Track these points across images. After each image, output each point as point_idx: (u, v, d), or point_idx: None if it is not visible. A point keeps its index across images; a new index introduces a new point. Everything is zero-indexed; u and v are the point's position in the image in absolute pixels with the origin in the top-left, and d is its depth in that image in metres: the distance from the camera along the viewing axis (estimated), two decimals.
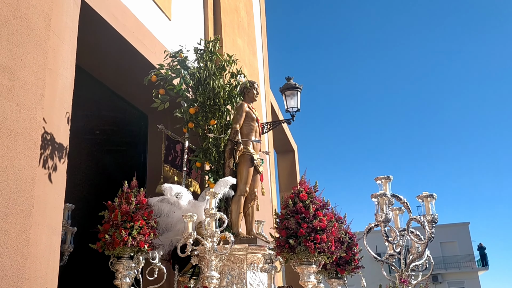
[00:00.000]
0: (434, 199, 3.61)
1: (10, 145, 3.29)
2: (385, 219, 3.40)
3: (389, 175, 3.55)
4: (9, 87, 3.35)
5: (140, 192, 4.05)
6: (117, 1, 5.20)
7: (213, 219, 3.76)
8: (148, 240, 3.88)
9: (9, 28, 3.45)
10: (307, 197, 3.93)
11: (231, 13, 8.51)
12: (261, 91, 9.93)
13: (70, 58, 4.18)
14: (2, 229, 3.11)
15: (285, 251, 3.79)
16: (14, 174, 3.28)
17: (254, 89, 5.12)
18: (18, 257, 3.19)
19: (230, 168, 4.78)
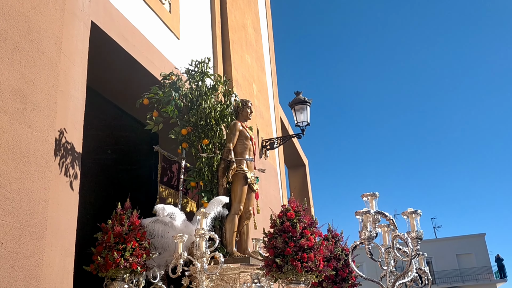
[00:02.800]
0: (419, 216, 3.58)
1: (23, 167, 3.31)
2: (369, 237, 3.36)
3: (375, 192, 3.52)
4: (21, 109, 3.39)
5: (133, 214, 4.07)
6: (127, 22, 5.27)
7: (203, 239, 3.76)
8: (140, 261, 3.89)
9: (20, 51, 3.50)
10: (294, 216, 3.93)
11: (239, 30, 8.58)
12: (270, 106, 9.94)
13: (81, 79, 4.23)
14: (15, 251, 3.11)
15: (273, 270, 3.78)
16: (27, 196, 3.29)
17: (248, 108, 5.15)
18: (32, 280, 3.18)
19: (224, 187, 4.78)
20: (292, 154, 11.84)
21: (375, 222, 3.38)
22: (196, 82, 4.96)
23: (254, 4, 9.93)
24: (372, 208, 3.42)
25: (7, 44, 3.39)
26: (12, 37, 3.45)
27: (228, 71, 7.86)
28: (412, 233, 3.47)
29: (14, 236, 3.12)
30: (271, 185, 8.75)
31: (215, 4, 8.01)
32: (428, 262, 30.99)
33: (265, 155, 8.75)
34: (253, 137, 5.09)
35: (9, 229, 3.09)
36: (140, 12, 5.66)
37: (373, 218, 3.36)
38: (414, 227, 3.49)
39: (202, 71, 5.05)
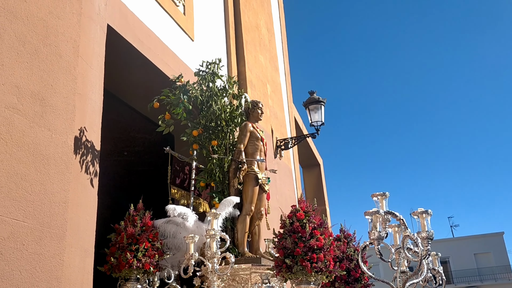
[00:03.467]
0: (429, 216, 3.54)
1: (43, 170, 3.36)
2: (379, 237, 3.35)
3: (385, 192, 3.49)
4: (40, 113, 3.44)
5: (146, 215, 4.13)
6: (142, 25, 5.32)
7: (214, 240, 3.79)
8: (153, 261, 3.94)
9: (39, 55, 3.56)
10: (304, 216, 3.94)
11: (252, 31, 8.59)
12: (284, 106, 9.94)
13: (98, 82, 4.28)
14: (36, 252, 3.16)
15: (283, 271, 3.81)
16: (47, 197, 3.34)
17: (259, 108, 5.17)
18: (53, 280, 3.23)
19: (235, 188, 4.81)
20: (306, 154, 11.80)
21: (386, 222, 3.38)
22: (207, 83, 4.98)
23: (267, 4, 9.93)
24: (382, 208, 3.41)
25: (26, 49, 3.45)
26: (31, 41, 3.51)
27: (242, 71, 7.87)
28: (423, 233, 3.43)
29: (35, 237, 3.17)
30: (286, 185, 8.74)
31: (229, 5, 8.04)
32: (446, 261, 30.64)
33: (279, 155, 8.74)
34: (264, 138, 5.12)
35: (31, 231, 3.15)
36: (155, 15, 5.71)
37: (383, 218, 3.36)
38: (424, 227, 3.47)
39: (213, 72, 5.07)
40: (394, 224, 4.10)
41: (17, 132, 3.21)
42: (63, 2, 3.91)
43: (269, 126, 8.43)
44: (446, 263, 30.82)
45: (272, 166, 8.18)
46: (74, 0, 4.04)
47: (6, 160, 3.10)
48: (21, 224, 3.09)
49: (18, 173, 3.16)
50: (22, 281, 3.01)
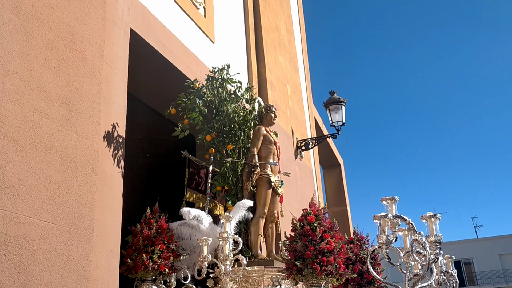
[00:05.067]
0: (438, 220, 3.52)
1: (71, 172, 3.44)
2: (387, 241, 3.35)
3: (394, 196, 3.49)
4: (68, 117, 3.52)
5: (161, 217, 4.23)
6: (164, 28, 5.38)
7: (227, 242, 3.85)
8: (168, 263, 4.04)
9: (65, 60, 3.64)
10: (314, 220, 3.99)
11: (272, 31, 8.60)
12: (304, 107, 9.91)
13: (122, 85, 4.35)
14: (65, 253, 3.23)
15: (294, 273, 3.87)
16: (74, 200, 3.42)
17: (272, 112, 5.24)
18: (81, 281, 3.30)
19: (248, 191, 4.87)
20: (327, 154, 11.75)
21: (395, 226, 3.39)
22: (217, 88, 5.03)
23: (286, 4, 9.93)
24: (391, 212, 3.42)
25: (53, 54, 3.53)
26: (58, 46, 3.59)
27: (262, 72, 7.89)
28: (431, 237, 3.44)
29: (64, 238, 3.25)
30: (307, 185, 8.73)
31: (248, 7, 8.06)
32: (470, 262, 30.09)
33: (300, 155, 8.73)
34: (277, 141, 5.17)
35: (59, 232, 3.22)
36: (176, 18, 5.77)
37: (393, 222, 3.39)
38: (433, 231, 3.47)
39: (223, 78, 5.11)
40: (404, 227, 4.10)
41: (45, 136, 3.29)
42: (88, 7, 3.99)
43: (289, 126, 8.42)
44: (470, 264, 30.27)
45: (293, 166, 8.18)
46: (98, 5, 4.12)
47: (35, 163, 3.18)
48: (50, 226, 3.16)
49: (47, 175, 3.24)
50: (51, 281, 3.08)
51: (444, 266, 4.75)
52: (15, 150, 3.04)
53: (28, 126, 3.17)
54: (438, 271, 4.49)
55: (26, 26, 3.33)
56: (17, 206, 2.97)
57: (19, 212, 2.97)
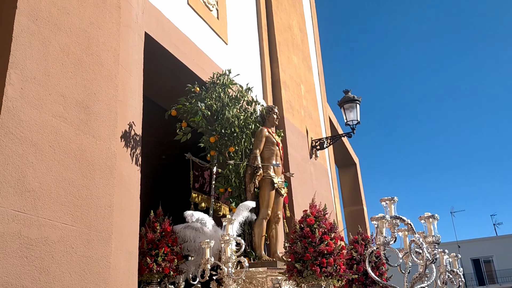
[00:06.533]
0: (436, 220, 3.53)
1: (89, 175, 3.49)
2: (384, 242, 3.35)
3: (393, 197, 3.49)
4: (85, 120, 3.57)
5: (165, 220, 4.31)
6: (178, 31, 5.42)
7: (228, 244, 3.89)
8: (172, 266, 4.11)
9: (82, 65, 3.69)
10: (314, 221, 4.03)
11: (285, 31, 8.60)
12: (318, 106, 9.88)
13: (138, 89, 4.39)
14: (85, 255, 3.28)
15: (294, 275, 3.91)
16: (93, 202, 3.46)
17: (274, 113, 5.29)
18: (101, 282, 3.34)
19: (251, 193, 4.90)
20: (342, 153, 11.70)
21: (394, 227, 3.40)
22: (218, 93, 5.05)
23: (299, 4, 9.91)
24: (390, 213, 3.43)
25: (70, 59, 3.59)
26: (74, 51, 3.64)
27: (276, 72, 7.89)
28: (429, 237, 3.45)
29: (84, 240, 3.29)
30: (322, 185, 8.70)
31: (261, 7, 8.07)
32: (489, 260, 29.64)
33: (315, 155, 8.70)
34: (279, 143, 5.21)
35: (79, 234, 3.27)
36: (190, 20, 5.81)
37: (391, 222, 3.40)
38: (431, 232, 3.48)
39: (224, 83, 5.14)
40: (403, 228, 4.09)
41: (64, 140, 3.35)
42: (103, 12, 4.04)
43: (303, 126, 8.41)
44: (490, 262, 29.82)
45: (308, 166, 8.16)
46: (113, 10, 4.17)
47: (55, 167, 3.23)
48: (70, 228, 3.21)
49: (66, 179, 3.29)
50: (72, 283, 3.13)
51: (449, 265, 4.75)
52: (34, 154, 3.10)
53: (47, 130, 3.23)
54: (443, 270, 4.50)
55: (43, 32, 3.39)
56: (37, 209, 3.02)
57: (40, 215, 3.03)
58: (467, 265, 28.61)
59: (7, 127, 2.96)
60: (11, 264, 2.78)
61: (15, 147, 2.98)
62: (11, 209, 2.85)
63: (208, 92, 5.02)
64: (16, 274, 2.79)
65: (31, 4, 3.32)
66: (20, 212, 2.90)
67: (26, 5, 3.28)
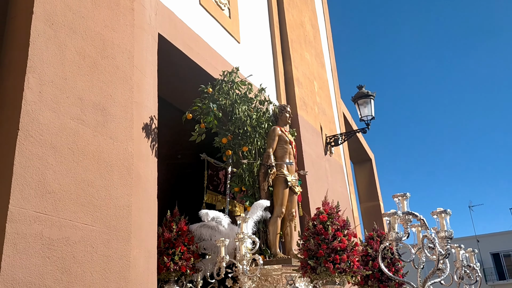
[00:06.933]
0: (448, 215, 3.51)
1: (107, 176, 3.54)
2: (396, 238, 3.37)
3: (406, 193, 3.50)
4: (102, 122, 3.63)
5: (181, 220, 4.37)
6: (190, 32, 5.46)
7: (243, 243, 3.95)
8: (189, 264, 4.17)
9: (98, 68, 3.75)
10: (327, 218, 4.06)
11: (297, 28, 8.58)
12: (332, 103, 9.85)
13: (153, 90, 4.44)
14: (105, 254, 3.34)
15: (308, 272, 3.94)
16: (112, 202, 3.52)
17: (286, 112, 5.33)
18: (121, 281, 3.39)
19: (265, 192, 4.94)
20: (357, 149, 11.65)
21: (407, 223, 3.41)
22: (227, 91, 5.08)
23: (310, 0, 9.88)
24: (403, 209, 3.44)
25: (86, 62, 3.65)
26: (90, 55, 3.70)
27: (288, 70, 7.89)
28: (441, 232, 3.46)
29: (104, 240, 3.35)
30: (338, 181, 8.68)
31: (272, 5, 8.07)
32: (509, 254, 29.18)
33: (329, 151, 8.68)
34: (292, 141, 5.24)
35: (99, 234, 3.33)
36: (202, 20, 5.84)
37: (405, 218, 3.43)
38: (443, 227, 3.49)
39: (232, 81, 5.16)
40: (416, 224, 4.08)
41: (82, 142, 3.41)
42: (117, 15, 4.09)
43: (317, 123, 8.39)
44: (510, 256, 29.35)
45: (323, 163, 8.14)
46: (126, 12, 4.22)
47: (74, 168, 3.29)
48: (90, 228, 3.27)
49: (85, 180, 3.35)
50: (93, 282, 3.19)
51: (466, 260, 4.74)
52: (54, 156, 3.16)
53: (65, 133, 3.29)
54: (460, 265, 4.51)
55: (59, 36, 3.45)
56: (58, 210, 3.08)
57: (61, 216, 3.09)
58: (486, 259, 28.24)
59: (27, 130, 3.02)
60: (33, 264, 2.84)
61: (35, 150, 3.04)
62: (33, 210, 2.92)
63: (215, 89, 5.05)
64: (38, 274, 2.86)
65: (47, 9, 3.39)
66: (41, 213, 2.97)
67: (42, 10, 3.34)
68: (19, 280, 2.73)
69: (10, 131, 3.00)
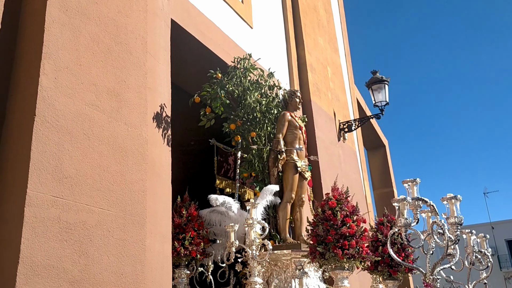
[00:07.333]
0: (458, 201, 3.49)
1: (122, 161, 3.58)
2: (405, 224, 3.37)
3: (415, 179, 3.47)
4: (117, 108, 3.65)
5: (191, 205, 4.41)
6: (203, 17, 5.44)
7: (252, 228, 3.98)
8: (199, 249, 4.23)
9: (112, 54, 3.76)
10: (336, 205, 4.08)
11: (310, 13, 8.49)
12: (346, 88, 9.77)
13: (166, 76, 4.45)
14: (121, 238, 3.39)
15: (317, 257, 3.98)
16: (127, 187, 3.56)
17: (296, 97, 5.29)
18: (137, 264, 3.45)
19: (275, 177, 4.94)
20: (371, 135, 11.56)
21: (417, 208, 3.41)
22: (239, 78, 5.06)
23: None
24: (413, 195, 3.43)
25: (100, 48, 3.66)
26: (104, 40, 3.71)
27: (302, 55, 7.82)
28: (451, 218, 3.45)
29: (119, 224, 3.40)
30: (351, 168, 8.64)
31: None
32: None
33: (343, 137, 8.64)
34: (302, 126, 5.23)
35: (115, 218, 3.37)
36: (214, 6, 5.81)
37: (414, 204, 3.42)
38: (453, 213, 3.47)
39: (245, 68, 5.13)
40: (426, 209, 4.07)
41: (97, 127, 3.44)
42: (130, 0, 4.09)
43: (331, 109, 8.34)
44: None
45: (336, 149, 8.11)
46: None
47: (89, 154, 3.33)
48: (106, 213, 3.32)
49: (101, 165, 3.39)
50: (110, 265, 3.24)
51: (477, 245, 4.72)
52: (70, 142, 3.20)
53: (81, 118, 3.32)
54: (471, 251, 4.51)
55: (73, 22, 3.46)
56: (75, 195, 3.13)
57: (77, 200, 3.14)
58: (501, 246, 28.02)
59: (43, 116, 3.06)
60: (52, 247, 2.90)
61: (52, 135, 3.08)
62: (50, 195, 2.97)
63: (228, 77, 5.04)
64: (57, 257, 2.91)
65: None
66: (58, 197, 3.02)
67: None
68: (38, 262, 2.79)
69: (26, 117, 3.04)
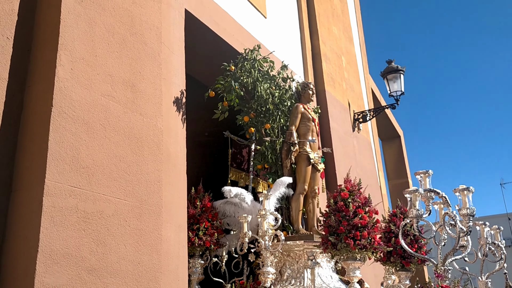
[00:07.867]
0: (470, 193, 3.46)
1: (138, 152, 3.60)
2: (417, 215, 3.36)
3: (428, 170, 3.46)
4: (132, 98, 3.67)
5: (205, 197, 4.47)
6: (217, 7, 5.42)
7: (264, 219, 4.02)
8: (213, 239, 4.29)
9: (127, 44, 3.77)
10: (348, 195, 4.11)
11: (325, 2, 8.40)
12: (360, 78, 9.68)
13: (180, 66, 4.45)
14: (138, 228, 3.42)
15: (329, 248, 4.02)
16: (143, 177, 3.58)
17: (310, 89, 5.29)
18: (154, 253, 3.48)
19: (288, 169, 4.96)
20: (386, 125, 11.46)
21: (429, 200, 3.40)
22: (249, 69, 5.03)
23: None
24: (425, 186, 3.42)
25: (115, 39, 3.67)
26: (119, 31, 3.72)
27: (316, 45, 7.76)
28: (463, 210, 3.44)
29: (136, 214, 3.43)
30: (366, 158, 8.59)
31: None
32: None
33: (358, 128, 8.58)
34: (315, 118, 5.23)
35: (131, 208, 3.41)
36: None
37: (426, 195, 3.42)
38: (466, 204, 3.47)
39: (254, 59, 5.11)
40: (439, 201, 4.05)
41: (113, 118, 3.46)
42: None
43: (345, 99, 8.28)
44: None
45: (351, 139, 8.06)
46: None
47: (106, 144, 3.35)
48: (122, 202, 3.35)
49: (117, 155, 3.42)
50: (127, 254, 3.28)
51: (491, 237, 4.70)
52: (87, 132, 3.23)
53: (97, 109, 3.34)
54: (484, 242, 4.50)
55: (88, 13, 3.47)
56: (92, 185, 3.16)
57: (94, 190, 3.17)
58: None
59: (60, 106, 3.08)
60: (70, 236, 2.94)
61: (69, 126, 3.11)
62: (68, 184, 3.00)
63: (237, 67, 5.03)
64: (75, 246, 2.95)
65: None
66: (76, 187, 3.05)
67: None
68: (57, 251, 2.83)
69: (44, 108, 3.07)
